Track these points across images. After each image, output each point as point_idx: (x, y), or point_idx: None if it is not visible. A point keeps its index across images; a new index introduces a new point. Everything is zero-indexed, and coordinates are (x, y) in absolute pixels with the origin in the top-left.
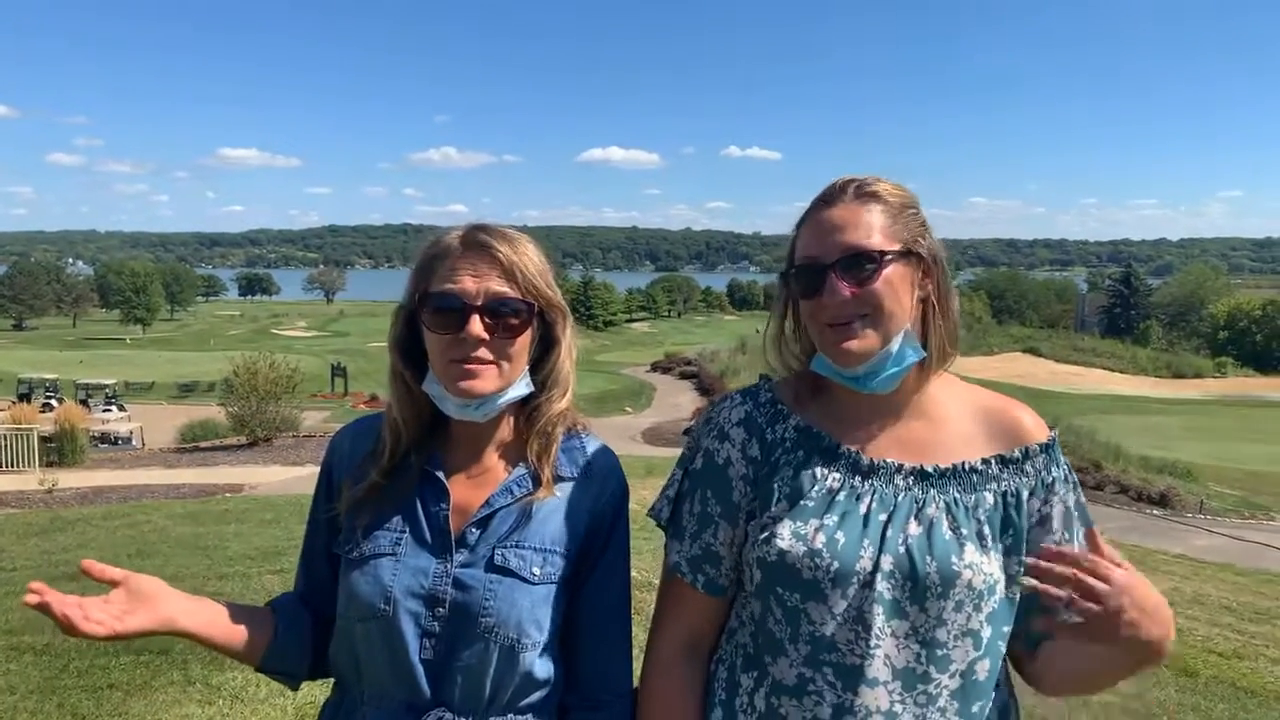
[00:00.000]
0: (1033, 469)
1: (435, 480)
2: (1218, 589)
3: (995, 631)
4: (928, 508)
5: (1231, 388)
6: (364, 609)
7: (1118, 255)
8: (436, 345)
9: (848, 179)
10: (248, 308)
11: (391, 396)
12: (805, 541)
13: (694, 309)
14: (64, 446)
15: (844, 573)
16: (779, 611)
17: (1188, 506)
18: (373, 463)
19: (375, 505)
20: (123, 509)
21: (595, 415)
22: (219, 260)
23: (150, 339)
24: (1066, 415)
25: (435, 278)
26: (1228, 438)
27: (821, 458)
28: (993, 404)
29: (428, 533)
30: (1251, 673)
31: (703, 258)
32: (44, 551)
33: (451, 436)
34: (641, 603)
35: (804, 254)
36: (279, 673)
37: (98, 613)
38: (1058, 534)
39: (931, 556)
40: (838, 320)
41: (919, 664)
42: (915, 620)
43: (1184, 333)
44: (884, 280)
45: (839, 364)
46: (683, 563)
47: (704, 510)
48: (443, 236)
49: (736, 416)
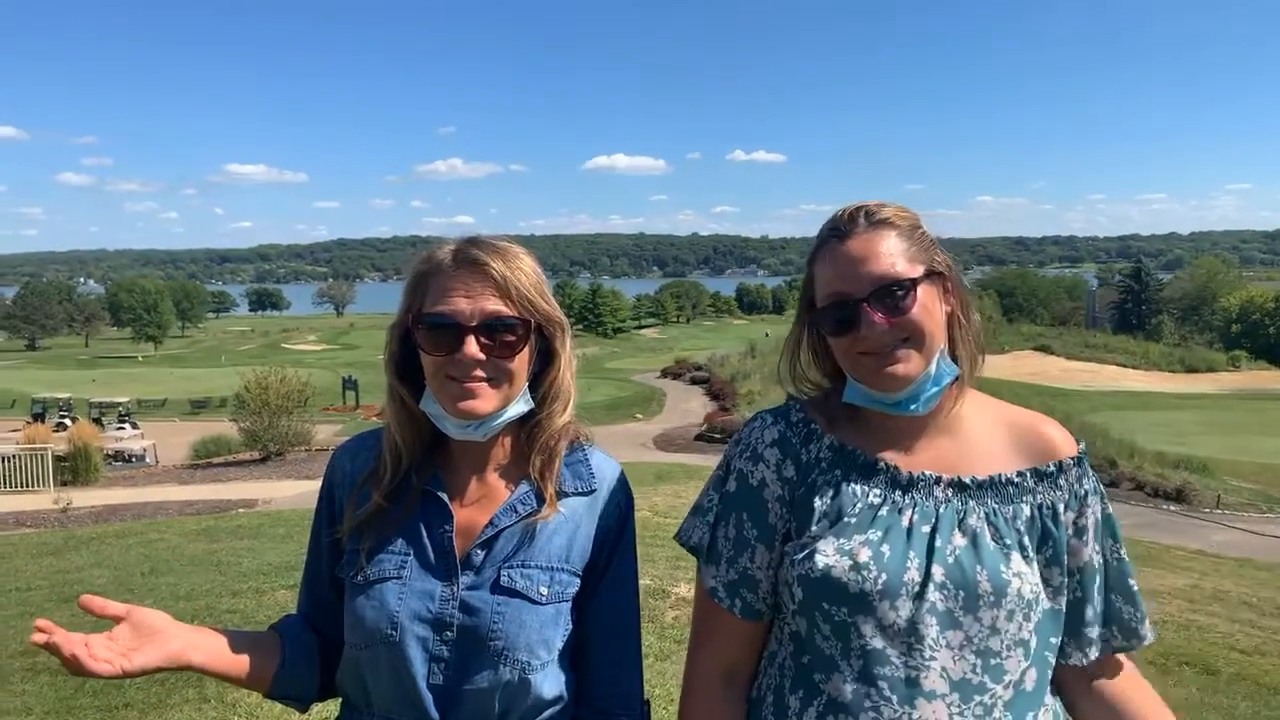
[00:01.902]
0: (1066, 482)
1: (438, 501)
2: (1237, 585)
3: (1042, 641)
4: (969, 518)
5: (1245, 381)
6: (370, 635)
7: (1127, 250)
8: (432, 366)
9: (855, 207)
10: (258, 323)
11: (390, 416)
12: (850, 556)
13: (703, 314)
14: (78, 465)
15: (892, 585)
16: (826, 628)
17: (1204, 502)
18: (374, 484)
19: (378, 528)
20: (137, 526)
21: (606, 423)
22: (229, 276)
23: (162, 356)
24: (1080, 413)
25: (429, 296)
26: (1243, 432)
27: (860, 474)
28: (1020, 419)
29: (432, 555)
30: (1274, 669)
31: (710, 262)
32: (58, 571)
33: (452, 455)
34: (656, 610)
35: (830, 290)
36: (288, 697)
37: (104, 650)
38: (1089, 547)
39: (982, 566)
40: (883, 348)
41: (975, 674)
42: (970, 630)
43: (1196, 327)
44: (919, 305)
45: (882, 390)
46: (720, 588)
47: (740, 534)
48: (434, 252)
49: (770, 438)
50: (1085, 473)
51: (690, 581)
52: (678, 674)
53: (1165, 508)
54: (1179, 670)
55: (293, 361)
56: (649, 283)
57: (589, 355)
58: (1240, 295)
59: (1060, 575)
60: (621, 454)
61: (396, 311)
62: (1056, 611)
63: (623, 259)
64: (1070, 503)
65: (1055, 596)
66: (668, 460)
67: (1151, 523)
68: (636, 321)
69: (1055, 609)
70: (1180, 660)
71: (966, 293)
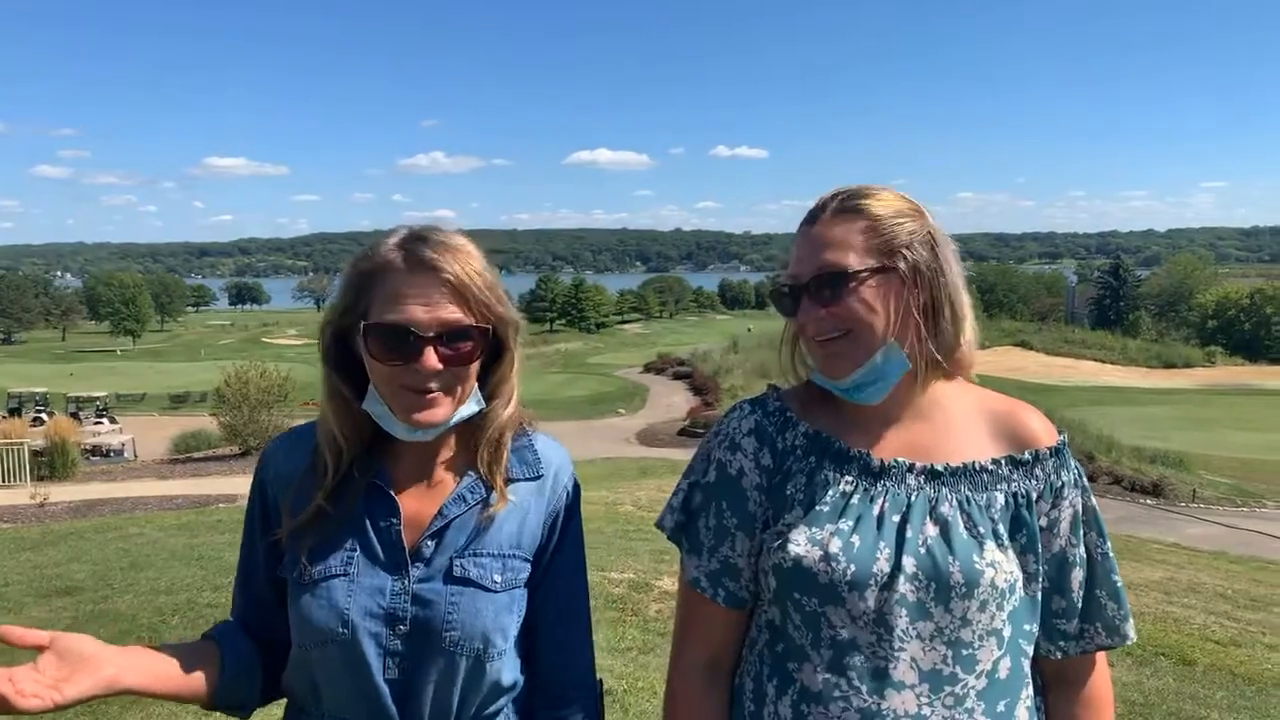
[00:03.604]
0: (1042, 472)
1: (383, 494)
2: (1212, 577)
3: (1016, 630)
4: (941, 506)
5: (1221, 377)
6: (320, 634)
7: (1106, 247)
8: (384, 374)
9: (835, 192)
10: (238, 317)
11: (329, 412)
12: (820, 546)
13: (686, 309)
14: (55, 460)
15: (861, 575)
16: (798, 617)
17: (1180, 496)
18: (313, 482)
19: (320, 525)
20: (115, 521)
21: (588, 418)
22: (208, 270)
23: (141, 350)
24: (1059, 407)
25: (377, 301)
26: (1218, 426)
27: (833, 462)
28: (1000, 406)
29: (380, 550)
30: (1249, 660)
31: (693, 258)
32: (35, 566)
33: (396, 449)
34: (639, 604)
35: (789, 272)
36: (230, 707)
37: (30, 684)
38: (1064, 538)
39: (953, 556)
40: (821, 336)
41: (946, 665)
42: (940, 621)
43: (1173, 323)
44: (857, 298)
45: (827, 376)
46: (702, 577)
47: (720, 523)
48: (379, 248)
49: (747, 426)
50: (1064, 464)
51: (673, 575)
52: (661, 666)
53: (1142, 502)
54: (1156, 661)
55: (273, 356)
56: (632, 278)
57: (571, 350)
58: (1216, 292)
59: (1036, 563)
60: (604, 449)
61: (332, 306)
62: (1033, 600)
63: (606, 254)
64: (1045, 492)
65: (1031, 585)
66: (651, 455)
67: (1129, 516)
68: (620, 317)
69: (1032, 597)
70: (1157, 651)
71: (945, 289)
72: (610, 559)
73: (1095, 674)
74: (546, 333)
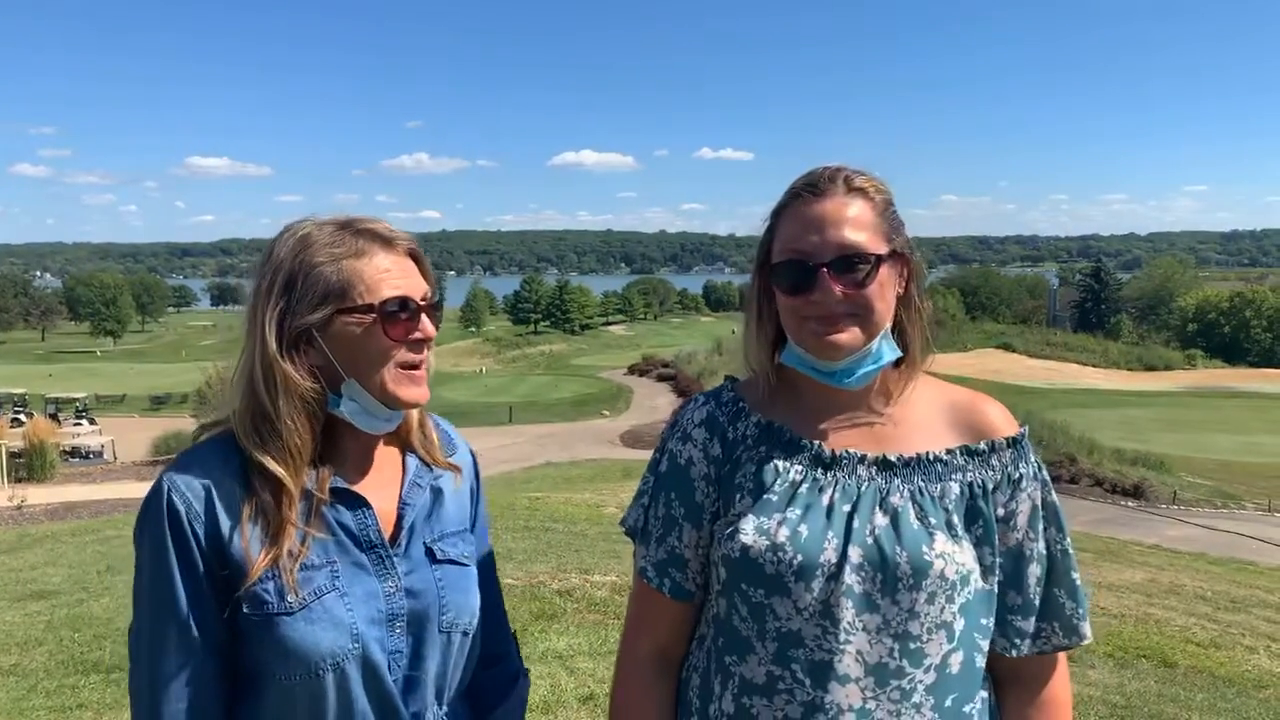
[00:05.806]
0: (999, 463)
1: (348, 495)
2: (1193, 579)
3: (970, 623)
4: (891, 497)
5: (1201, 379)
6: (327, 656)
7: (1088, 250)
8: (386, 351)
9: (835, 168)
10: (220, 318)
11: (288, 424)
12: (768, 535)
13: (670, 311)
14: (33, 462)
15: (807, 565)
16: (744, 609)
17: (1161, 498)
18: (265, 504)
19: (292, 545)
20: (93, 524)
21: (573, 419)
22: (190, 270)
23: (121, 351)
24: (1041, 410)
25: (366, 280)
26: (1198, 429)
27: (783, 452)
28: (960, 398)
29: (360, 553)
30: (1229, 661)
31: (678, 259)
32: (12, 569)
33: (342, 449)
34: (622, 608)
35: (791, 247)
36: None
37: None
38: (1021, 532)
39: (901, 546)
40: (825, 315)
41: (892, 659)
42: (887, 613)
43: (1154, 326)
44: (877, 282)
45: (821, 358)
46: (649, 567)
47: (668, 513)
48: (357, 239)
49: (699, 417)
50: (1023, 456)
51: None
52: None
53: (1123, 503)
54: (1137, 663)
55: None
56: (617, 279)
57: (556, 352)
58: (1196, 295)
59: (991, 555)
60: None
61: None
62: (989, 593)
63: (590, 255)
64: (1003, 483)
65: (987, 577)
66: (635, 457)
67: (1110, 518)
68: (604, 318)
69: (988, 590)
70: (1138, 653)
71: (923, 280)
72: (593, 561)
73: (1054, 676)
74: (530, 334)
